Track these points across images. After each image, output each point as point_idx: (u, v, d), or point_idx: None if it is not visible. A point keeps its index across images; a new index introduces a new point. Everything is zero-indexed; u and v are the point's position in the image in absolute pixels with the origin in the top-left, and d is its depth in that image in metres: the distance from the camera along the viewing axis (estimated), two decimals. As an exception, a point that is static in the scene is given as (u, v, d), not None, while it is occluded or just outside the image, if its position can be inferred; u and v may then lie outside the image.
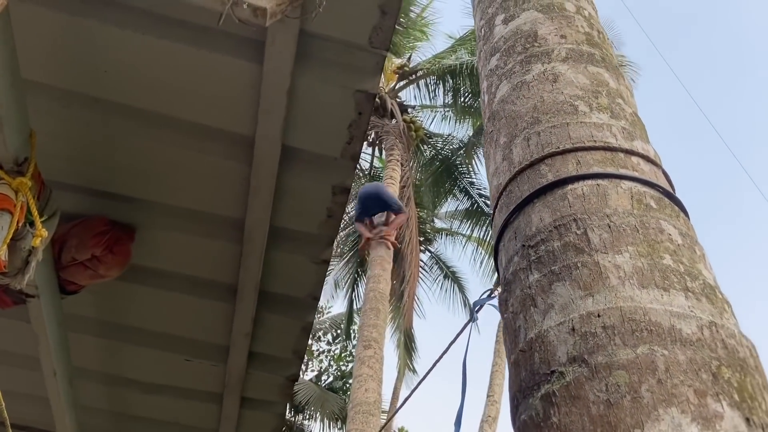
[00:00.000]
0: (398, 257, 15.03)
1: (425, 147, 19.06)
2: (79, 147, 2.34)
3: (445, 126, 19.74)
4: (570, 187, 1.96)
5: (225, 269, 2.70)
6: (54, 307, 2.48)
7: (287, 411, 19.44)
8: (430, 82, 18.19)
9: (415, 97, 18.67)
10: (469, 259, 19.76)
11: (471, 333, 2.28)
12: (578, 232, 1.83)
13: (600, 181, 1.95)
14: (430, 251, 21.37)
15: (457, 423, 2.35)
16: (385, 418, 20.40)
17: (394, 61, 18.36)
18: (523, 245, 1.96)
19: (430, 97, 18.52)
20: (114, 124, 2.26)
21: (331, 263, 18.15)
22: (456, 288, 21.02)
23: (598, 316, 1.64)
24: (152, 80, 2.14)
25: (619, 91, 2.33)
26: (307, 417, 20.26)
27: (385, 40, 1.97)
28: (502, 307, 2.02)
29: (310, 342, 21.36)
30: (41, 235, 1.85)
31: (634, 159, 2.05)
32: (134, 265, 2.66)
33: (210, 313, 2.92)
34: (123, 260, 2.46)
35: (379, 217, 11.16)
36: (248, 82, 2.06)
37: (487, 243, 19.30)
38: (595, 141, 2.07)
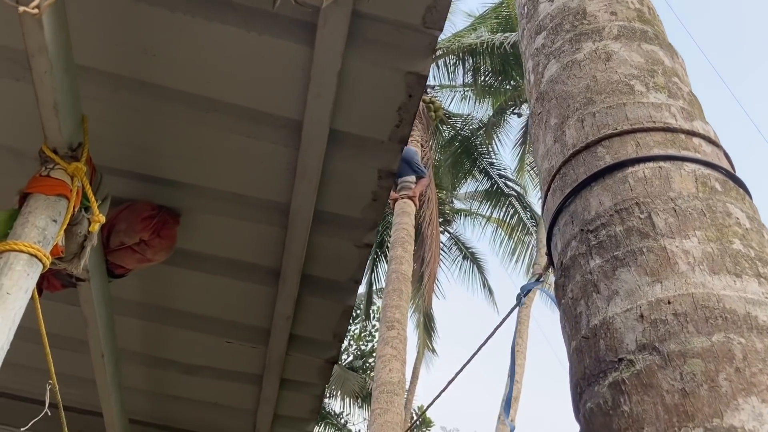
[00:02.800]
0: (419, 238, 15.03)
1: (444, 127, 18.94)
2: (127, 131, 2.33)
3: (464, 106, 19.59)
4: (630, 169, 1.91)
5: (268, 253, 2.69)
6: (103, 290, 2.50)
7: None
8: (449, 62, 18.01)
9: (434, 76, 18.53)
10: (489, 240, 19.67)
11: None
12: (642, 216, 1.79)
13: (662, 164, 1.90)
14: (449, 232, 21.35)
15: (507, 407, 2.32)
16: (406, 398, 20.56)
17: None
18: (582, 230, 1.92)
19: (449, 76, 18.35)
20: (162, 109, 2.25)
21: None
22: (475, 268, 21.02)
23: (669, 302, 1.60)
24: (201, 64, 2.11)
25: (674, 70, 2.27)
26: (328, 395, 20.48)
27: (440, 19, 1.92)
28: (559, 292, 1.99)
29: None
30: (99, 221, 1.85)
31: (696, 140, 1.99)
32: (179, 249, 2.67)
33: (252, 296, 2.93)
34: (170, 244, 2.46)
35: (403, 181, 11.95)
36: (298, 65, 2.03)
37: (506, 223, 19.23)
38: (654, 122, 2.02)
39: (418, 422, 23.02)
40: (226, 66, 2.11)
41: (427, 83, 18.74)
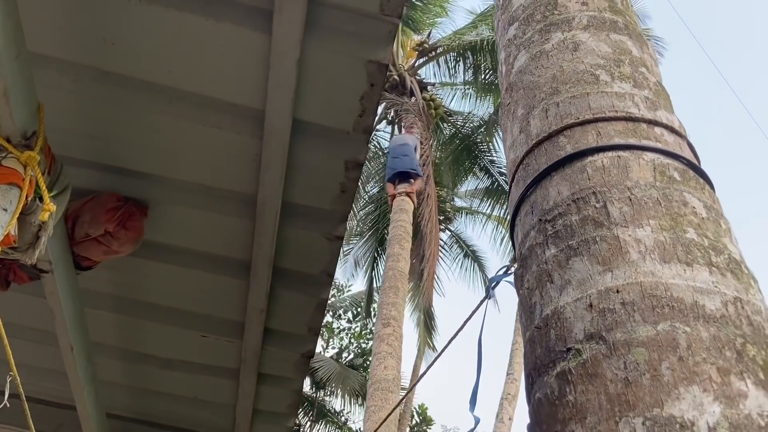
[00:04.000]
0: (418, 236, 15.01)
1: (445, 125, 18.90)
2: (90, 122, 2.32)
3: (465, 104, 19.55)
4: (589, 159, 1.89)
5: (238, 245, 2.68)
6: (69, 282, 2.48)
7: (309, 387, 19.61)
8: (450, 59, 17.98)
9: (434, 74, 18.48)
10: (489, 238, 19.65)
11: (488, 310, 2.23)
12: (597, 205, 1.77)
13: (621, 153, 1.88)
14: (450, 230, 21.31)
15: (473, 401, 2.32)
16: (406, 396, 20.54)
17: (413, 38, 18.16)
18: (540, 219, 1.90)
19: (450, 74, 18.32)
20: (124, 98, 2.23)
21: (350, 242, 18.44)
22: (476, 266, 20.98)
23: (617, 291, 1.58)
24: (160, 52, 2.10)
25: (642, 60, 2.24)
26: (329, 393, 20.46)
27: (397, 6, 1.90)
28: (518, 283, 1.96)
29: (330, 320, 21.42)
30: (49, 210, 1.83)
31: (658, 130, 1.96)
32: (148, 241, 2.65)
33: (225, 289, 2.91)
34: (136, 236, 2.45)
35: (401, 181, 12.40)
36: (257, 53, 2.01)
37: (507, 222, 19.17)
38: (616, 111, 1.99)
39: (418, 421, 23.01)
40: (186, 54, 2.09)
41: (429, 81, 18.72)
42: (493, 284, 2.13)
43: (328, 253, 2.74)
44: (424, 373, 3.65)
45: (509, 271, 2.39)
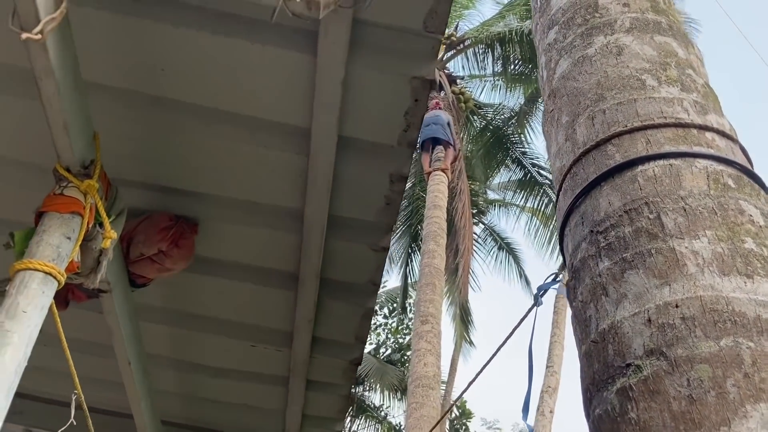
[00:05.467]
0: (452, 230, 14.97)
1: (475, 118, 18.79)
2: (143, 145, 2.38)
3: (495, 95, 19.39)
4: (640, 168, 1.87)
5: (286, 258, 2.72)
6: (126, 300, 2.56)
7: (347, 384, 19.75)
8: (479, 51, 17.84)
9: (463, 67, 18.37)
10: (523, 230, 19.49)
11: (536, 318, 2.22)
12: (651, 216, 1.75)
13: (672, 161, 1.85)
14: (483, 223, 21.20)
15: (525, 409, 2.32)
16: (444, 390, 20.58)
17: (441, 31, 18.00)
18: (591, 231, 1.89)
19: (479, 66, 18.18)
20: (173, 122, 2.29)
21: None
22: (511, 259, 20.86)
23: (677, 306, 1.57)
24: (209, 76, 2.14)
25: (689, 61, 2.20)
26: (368, 389, 20.59)
27: (441, 23, 1.91)
28: (571, 295, 1.96)
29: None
30: (110, 237, 1.89)
31: (709, 135, 1.93)
32: (199, 256, 2.72)
33: (273, 300, 2.96)
34: (188, 253, 2.51)
35: (436, 155, 12.67)
36: (303, 74, 2.04)
37: (541, 213, 19.01)
38: (665, 117, 1.97)
39: (457, 414, 23.01)
40: (233, 77, 2.13)
41: (457, 74, 18.61)
42: (541, 292, 2.13)
43: (374, 264, 2.77)
44: (475, 378, 3.67)
45: (557, 279, 2.39)
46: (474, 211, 19.38)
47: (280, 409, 3.62)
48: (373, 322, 22.02)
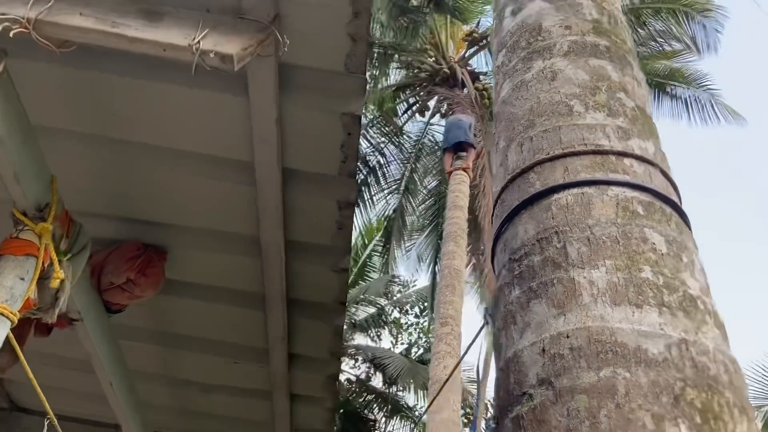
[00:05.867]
0: (475, 230, 14.94)
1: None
2: (107, 181, 2.54)
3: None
4: (555, 196, 1.92)
5: (252, 281, 2.85)
6: (100, 326, 2.72)
7: (382, 384, 19.87)
8: (502, 47, 17.70)
9: (486, 63, 18.27)
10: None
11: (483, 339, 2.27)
12: (558, 245, 1.81)
13: (586, 189, 1.90)
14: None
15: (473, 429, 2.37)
16: (477, 391, 20.44)
17: (462, 29, 17.99)
18: (510, 258, 1.95)
19: (503, 62, 18.05)
20: (132, 160, 2.44)
21: (412, 237, 18.28)
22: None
23: (567, 336, 1.62)
24: (156, 119, 2.28)
25: (622, 84, 2.24)
26: (403, 389, 20.67)
27: (360, 65, 2.01)
28: (493, 322, 2.03)
29: (398, 315, 21.46)
30: (59, 277, 2.04)
31: (627, 161, 1.97)
32: (174, 281, 2.88)
33: (246, 320, 3.10)
34: (155, 281, 2.66)
35: (457, 154, 12.73)
36: (240, 114, 2.16)
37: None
38: (585, 144, 2.01)
39: (492, 414, 22.81)
40: (178, 119, 2.27)
41: (480, 70, 18.54)
42: (490, 313, 2.20)
43: (337, 284, 2.88)
44: (440, 390, 3.72)
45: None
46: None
47: (269, 421, 3.75)
48: (404, 321, 22.11)
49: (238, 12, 1.83)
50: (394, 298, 21.09)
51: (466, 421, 18.59)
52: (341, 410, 19.32)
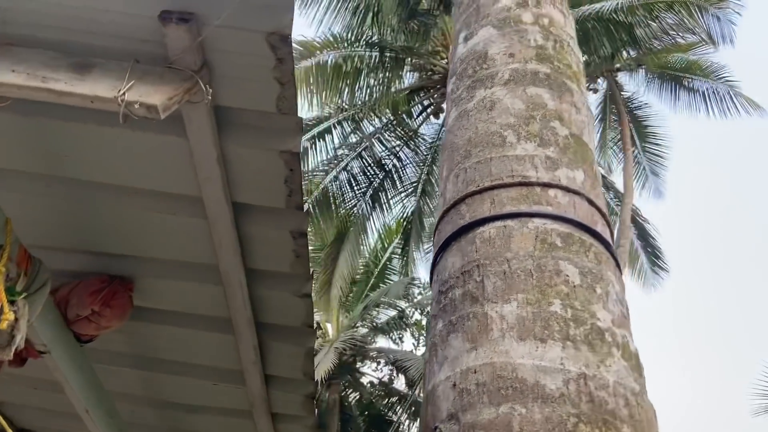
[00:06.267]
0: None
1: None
2: (68, 217, 2.64)
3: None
4: (480, 229, 1.95)
5: (219, 307, 2.92)
6: (70, 356, 2.82)
7: (404, 386, 19.91)
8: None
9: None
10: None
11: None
12: (478, 279, 1.84)
13: (508, 222, 1.93)
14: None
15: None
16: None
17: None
18: (439, 290, 1.99)
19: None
20: (90, 197, 2.53)
21: (431, 239, 18.37)
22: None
23: (475, 372, 1.66)
24: (106, 159, 2.37)
25: (558, 112, 2.25)
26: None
27: (292, 106, 2.06)
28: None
29: (419, 317, 21.55)
30: (7, 319, 2.13)
31: (552, 192, 2.00)
32: (146, 308, 2.98)
33: (220, 344, 3.18)
34: (121, 312, 2.75)
35: None
36: (184, 154, 2.23)
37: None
38: (513, 176, 2.04)
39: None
40: (128, 159, 2.35)
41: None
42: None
43: (303, 309, 2.94)
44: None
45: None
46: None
47: (254, 439, 3.83)
48: (425, 323, 22.12)
49: (166, 61, 1.90)
50: (415, 300, 21.18)
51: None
52: (365, 412, 19.44)
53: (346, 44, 15.50)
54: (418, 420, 21.46)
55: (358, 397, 19.27)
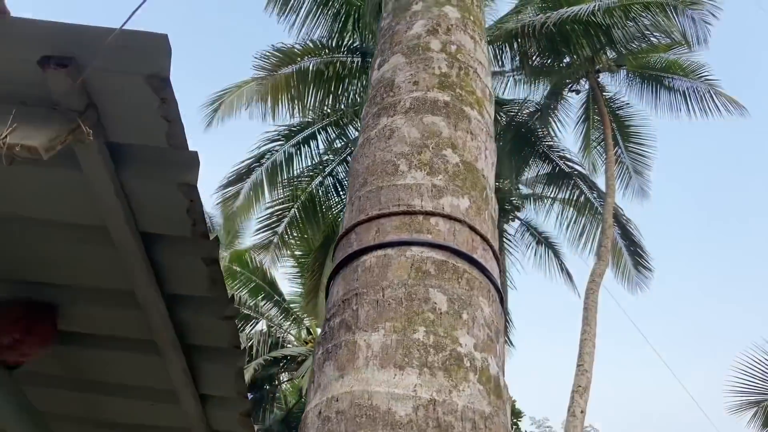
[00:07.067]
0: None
1: (501, 115, 18.67)
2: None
3: (519, 90, 19.22)
4: (363, 258, 2.01)
5: (144, 330, 2.98)
6: (-3, 383, 2.87)
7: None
8: (496, 49, 17.74)
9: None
10: (554, 223, 19.28)
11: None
12: (354, 308, 1.90)
13: (388, 251, 1.99)
14: (519, 219, 21.05)
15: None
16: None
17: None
18: (326, 317, 2.05)
19: (498, 63, 18.09)
20: (7, 229, 2.59)
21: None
22: (550, 253, 20.65)
23: (337, 400, 1.72)
24: (17, 193, 2.43)
25: (451, 140, 2.31)
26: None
27: (182, 141, 2.12)
28: (315, 381, 2.14)
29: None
30: None
31: (433, 220, 2.05)
32: (75, 333, 3.04)
33: (150, 366, 3.23)
34: (44, 338, 2.80)
35: None
36: (82, 187, 2.29)
37: (573, 202, 18.79)
38: (399, 205, 2.10)
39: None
40: (33, 191, 2.41)
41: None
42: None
43: (228, 330, 2.99)
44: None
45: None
46: (508, 208, 19.32)
47: (199, 456, 3.88)
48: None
49: (52, 103, 1.96)
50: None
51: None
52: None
53: (327, 50, 15.57)
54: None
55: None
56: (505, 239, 19.35)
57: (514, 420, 23.40)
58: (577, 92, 18.96)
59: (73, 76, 1.89)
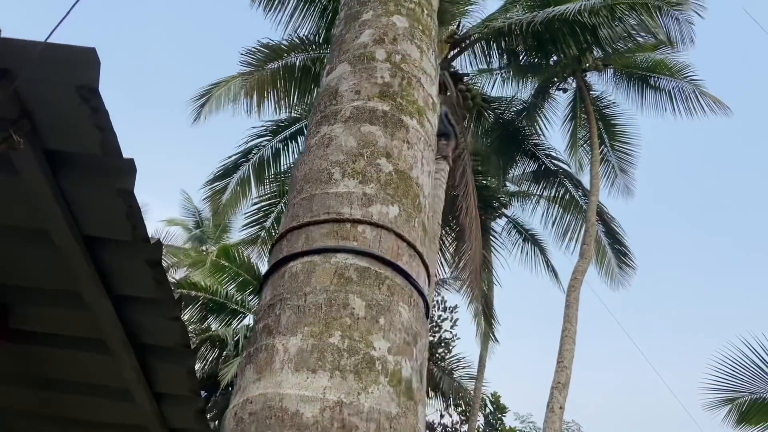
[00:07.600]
0: (460, 231, 15.04)
1: (489, 113, 18.73)
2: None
3: (507, 89, 19.27)
4: (290, 264, 2.08)
5: (95, 329, 3.04)
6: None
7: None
8: (484, 47, 17.77)
9: (471, 63, 18.30)
10: (540, 220, 19.41)
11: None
12: (277, 312, 1.97)
13: (313, 257, 2.05)
14: (506, 216, 21.15)
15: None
16: (474, 387, 20.72)
17: (444, 30, 18.02)
18: (255, 321, 2.12)
19: (486, 61, 18.13)
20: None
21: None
22: (537, 250, 20.76)
23: (251, 402, 1.78)
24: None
25: (386, 149, 2.37)
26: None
27: (116, 149, 2.18)
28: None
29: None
30: None
31: (361, 228, 2.12)
32: (29, 331, 3.10)
33: (104, 364, 3.29)
34: (-4, 338, 2.86)
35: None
36: (23, 193, 2.35)
37: (559, 199, 18.90)
38: (329, 213, 2.16)
39: (491, 409, 23.13)
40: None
41: (464, 71, 18.59)
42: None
43: (177, 330, 3.06)
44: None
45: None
46: (496, 205, 19.42)
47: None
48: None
49: (-13, 111, 2.02)
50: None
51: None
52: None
53: (314, 46, 15.56)
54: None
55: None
56: (491, 236, 19.44)
57: (499, 415, 23.55)
58: (565, 90, 19.02)
59: (5, 87, 1.95)
